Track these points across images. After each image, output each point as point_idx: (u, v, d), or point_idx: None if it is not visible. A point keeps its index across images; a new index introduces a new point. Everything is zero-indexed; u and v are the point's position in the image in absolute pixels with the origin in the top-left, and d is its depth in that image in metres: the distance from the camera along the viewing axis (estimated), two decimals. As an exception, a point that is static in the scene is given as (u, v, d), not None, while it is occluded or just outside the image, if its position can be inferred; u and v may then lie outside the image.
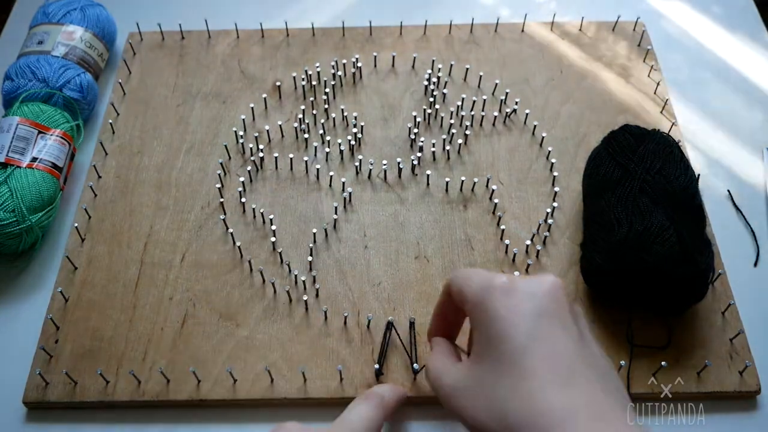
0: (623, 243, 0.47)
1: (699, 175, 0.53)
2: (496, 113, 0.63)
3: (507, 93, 0.64)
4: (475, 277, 0.40)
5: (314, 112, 0.63)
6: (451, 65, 0.67)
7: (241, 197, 0.58)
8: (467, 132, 0.61)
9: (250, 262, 0.54)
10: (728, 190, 0.59)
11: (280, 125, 0.62)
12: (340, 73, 0.66)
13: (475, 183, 0.58)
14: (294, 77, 0.66)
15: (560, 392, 0.35)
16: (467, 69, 0.66)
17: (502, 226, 0.55)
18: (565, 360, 0.36)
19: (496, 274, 0.40)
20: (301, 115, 0.63)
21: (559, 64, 0.67)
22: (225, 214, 0.57)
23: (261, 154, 0.60)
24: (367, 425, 0.41)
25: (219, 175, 0.59)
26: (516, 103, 0.63)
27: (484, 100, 0.63)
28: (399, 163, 0.59)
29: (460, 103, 0.63)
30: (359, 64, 0.66)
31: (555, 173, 0.59)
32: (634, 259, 0.46)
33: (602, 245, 0.49)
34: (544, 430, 0.34)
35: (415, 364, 0.48)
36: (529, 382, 0.36)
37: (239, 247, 0.54)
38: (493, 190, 0.58)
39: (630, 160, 0.51)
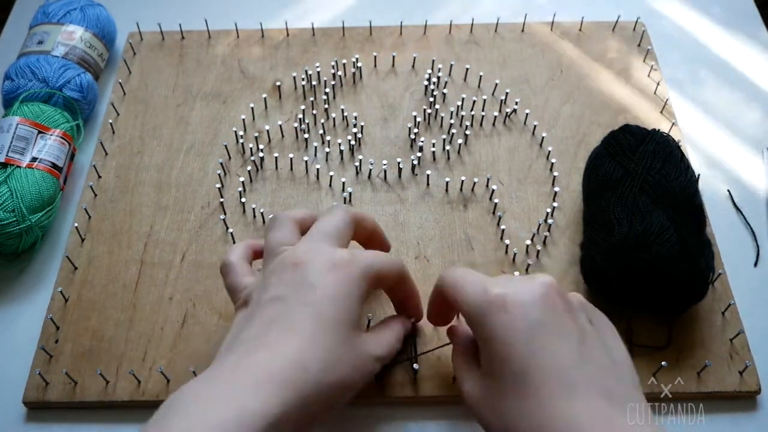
0: (623, 243, 0.47)
1: (699, 175, 0.53)
2: (496, 113, 0.63)
3: (507, 93, 0.64)
4: (469, 288, 0.40)
5: (314, 112, 0.63)
6: (451, 65, 0.67)
7: (241, 197, 0.58)
8: (467, 132, 0.61)
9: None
10: (728, 190, 0.59)
11: (280, 125, 0.62)
12: (340, 73, 0.66)
13: (475, 183, 0.58)
14: (294, 77, 0.66)
15: (562, 405, 0.36)
16: (467, 69, 0.66)
17: (502, 226, 0.55)
18: (565, 370, 0.37)
19: (488, 285, 0.39)
20: (301, 115, 0.63)
21: (559, 64, 0.67)
22: (225, 214, 0.57)
23: (261, 154, 0.60)
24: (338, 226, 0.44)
25: (219, 175, 0.59)
26: (516, 103, 0.63)
27: (484, 100, 0.63)
28: (399, 163, 0.59)
29: (460, 103, 0.63)
30: (359, 64, 0.66)
31: (555, 173, 0.59)
32: (634, 259, 0.46)
33: (602, 245, 0.49)
34: None
35: (415, 365, 0.48)
36: (532, 399, 0.36)
37: (239, 247, 0.54)
38: (493, 190, 0.58)
39: (630, 160, 0.51)
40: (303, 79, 0.65)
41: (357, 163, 0.60)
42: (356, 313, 0.40)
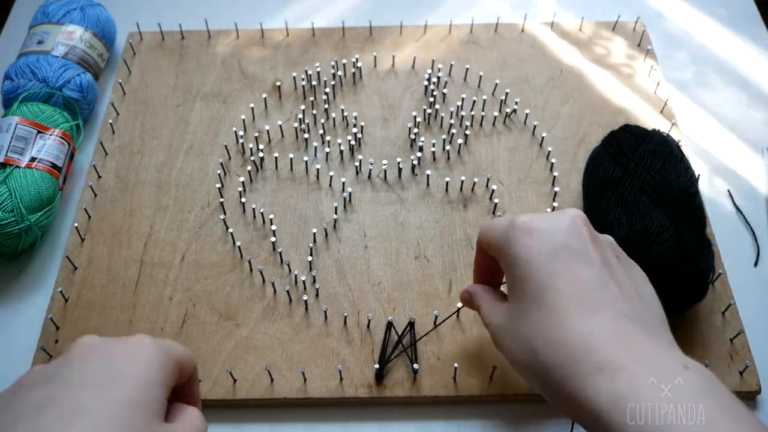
0: (623, 243, 0.47)
1: (699, 175, 0.53)
2: (496, 113, 0.63)
3: (507, 93, 0.64)
4: (497, 223, 0.42)
5: (314, 112, 0.63)
6: (451, 65, 0.67)
7: (241, 197, 0.58)
8: (467, 132, 0.61)
9: (250, 262, 0.54)
10: (728, 190, 0.59)
11: (280, 125, 0.62)
12: (340, 73, 0.66)
13: (475, 183, 0.58)
14: (294, 77, 0.66)
15: (582, 322, 0.36)
16: (467, 69, 0.66)
17: (502, 226, 0.55)
18: (586, 290, 0.37)
19: (518, 216, 0.40)
20: (301, 115, 0.63)
21: (559, 64, 0.67)
22: (225, 214, 0.57)
23: (261, 154, 0.60)
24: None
25: (219, 175, 0.59)
26: (516, 103, 0.63)
27: (484, 100, 0.63)
28: (399, 163, 0.59)
29: (460, 103, 0.63)
30: (359, 64, 0.66)
31: (555, 173, 0.59)
32: (634, 259, 0.46)
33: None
34: (569, 360, 0.35)
35: (415, 364, 0.48)
36: (553, 318, 0.37)
37: (239, 247, 0.54)
38: (493, 190, 0.58)
39: (630, 160, 0.51)
40: (303, 79, 0.65)
41: (357, 163, 0.60)
42: (160, 403, 0.32)
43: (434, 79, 0.65)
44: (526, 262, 0.38)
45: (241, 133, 0.62)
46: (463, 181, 0.58)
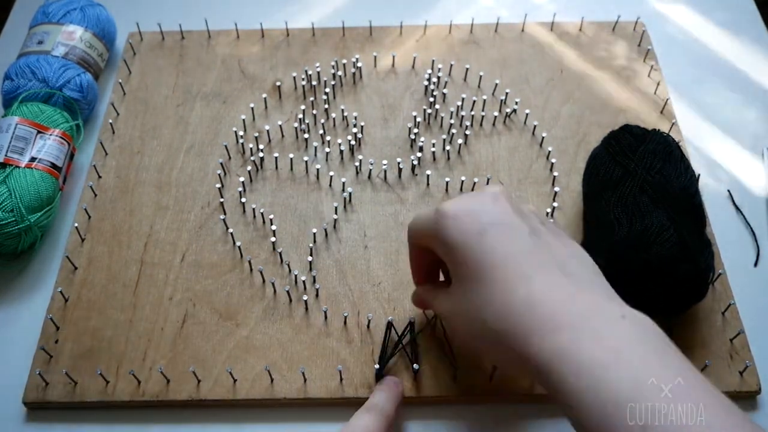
0: (623, 243, 0.47)
1: (699, 175, 0.53)
2: (496, 113, 0.63)
3: (507, 93, 0.64)
4: (423, 214, 0.43)
5: (314, 112, 0.63)
6: (451, 65, 0.67)
7: (241, 197, 0.58)
8: (467, 132, 0.61)
9: (250, 262, 0.54)
10: (728, 190, 0.59)
11: (280, 125, 0.62)
12: (340, 73, 0.66)
13: (475, 183, 0.58)
14: (294, 77, 0.66)
15: (521, 287, 0.37)
16: (467, 69, 0.66)
17: (502, 226, 0.55)
18: (519, 257, 0.39)
19: (442, 203, 0.42)
20: (301, 115, 0.63)
21: (559, 64, 0.67)
22: (225, 214, 0.57)
23: (261, 154, 0.60)
24: None
25: (219, 175, 0.59)
26: (516, 103, 0.63)
27: (484, 100, 0.63)
28: (399, 163, 0.59)
29: (460, 103, 0.63)
30: (359, 64, 0.66)
31: (555, 173, 0.59)
32: (634, 259, 0.46)
33: (602, 245, 0.49)
34: (515, 324, 0.37)
35: (415, 364, 0.48)
36: (495, 289, 0.38)
37: (239, 247, 0.54)
38: (493, 190, 0.58)
39: (630, 160, 0.51)
40: (303, 79, 0.65)
41: (357, 163, 0.60)
42: None
43: (434, 79, 0.65)
44: (458, 244, 0.40)
45: (241, 133, 0.62)
46: (463, 181, 0.58)
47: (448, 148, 0.60)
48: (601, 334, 0.35)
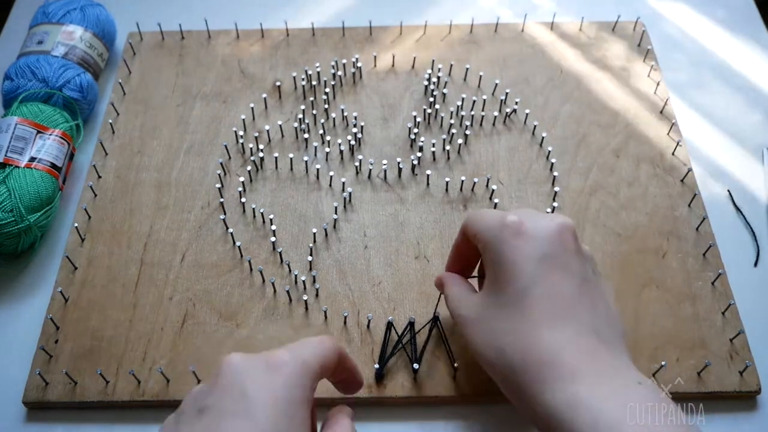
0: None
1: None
2: (496, 113, 0.63)
3: (507, 93, 0.64)
4: (487, 216, 0.42)
5: (314, 112, 0.63)
6: (451, 65, 0.67)
7: (241, 197, 0.58)
8: (467, 132, 0.61)
9: (250, 262, 0.54)
10: (728, 190, 0.59)
11: (280, 125, 0.62)
12: (340, 73, 0.66)
13: (475, 183, 0.58)
14: (294, 77, 0.66)
15: (553, 332, 0.37)
16: (467, 69, 0.66)
17: (502, 226, 0.55)
18: (561, 302, 0.38)
19: (508, 213, 0.41)
20: (301, 115, 0.63)
21: (559, 64, 0.67)
22: (225, 214, 0.57)
23: (261, 154, 0.60)
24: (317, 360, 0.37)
25: (219, 175, 0.59)
26: (516, 103, 0.63)
27: (484, 100, 0.63)
28: (399, 163, 0.59)
29: (460, 103, 0.63)
30: (359, 64, 0.66)
31: (555, 173, 0.59)
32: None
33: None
34: (534, 365, 0.37)
35: (415, 364, 0.48)
36: (525, 322, 0.38)
37: (239, 247, 0.54)
38: (493, 190, 0.58)
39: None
40: (303, 79, 0.65)
41: (357, 163, 0.60)
42: (301, 421, 0.34)
43: (434, 79, 0.65)
44: (511, 264, 0.39)
45: (241, 133, 0.62)
46: (463, 181, 0.58)
47: (448, 148, 0.60)
48: (618, 393, 0.35)
